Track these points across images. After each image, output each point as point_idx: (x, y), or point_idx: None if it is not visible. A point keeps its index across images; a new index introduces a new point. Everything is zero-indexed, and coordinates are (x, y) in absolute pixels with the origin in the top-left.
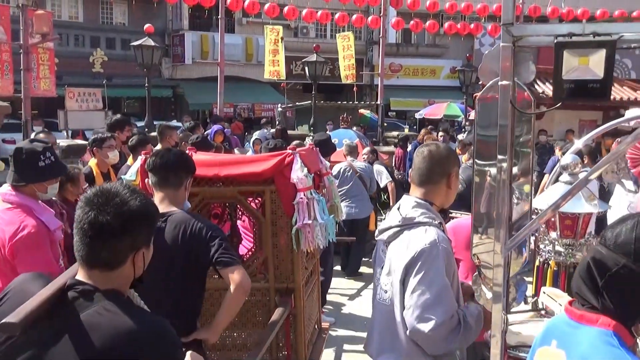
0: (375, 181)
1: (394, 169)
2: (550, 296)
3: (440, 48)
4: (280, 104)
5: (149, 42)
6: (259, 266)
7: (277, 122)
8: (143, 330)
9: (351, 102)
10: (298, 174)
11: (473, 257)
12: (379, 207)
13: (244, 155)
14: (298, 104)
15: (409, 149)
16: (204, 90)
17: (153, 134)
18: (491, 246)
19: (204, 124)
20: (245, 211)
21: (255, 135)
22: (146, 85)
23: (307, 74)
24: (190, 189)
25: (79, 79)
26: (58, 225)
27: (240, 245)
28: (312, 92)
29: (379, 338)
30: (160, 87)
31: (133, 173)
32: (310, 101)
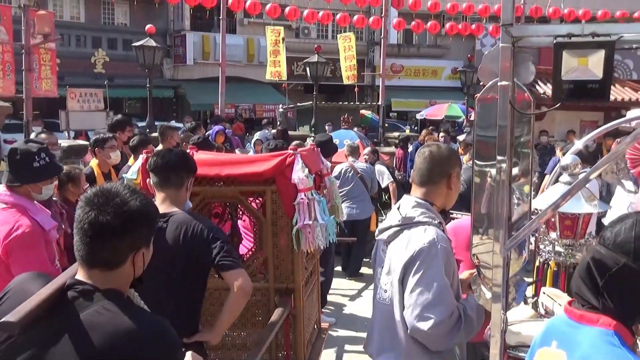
0: (376, 182)
1: (395, 169)
2: (550, 296)
3: (442, 49)
4: (281, 105)
5: (151, 43)
6: (259, 266)
7: (279, 123)
8: (143, 330)
9: (352, 103)
10: (299, 174)
11: (472, 258)
12: (379, 208)
13: (245, 155)
14: (299, 104)
15: (410, 149)
16: (206, 91)
17: (154, 135)
18: (491, 246)
19: (204, 124)
20: (246, 211)
21: (257, 135)
22: (148, 85)
23: (309, 74)
24: (191, 189)
25: (81, 80)
26: (53, 225)
27: (240, 244)
28: (314, 93)
29: (379, 337)
30: (162, 88)
31: (134, 172)
32: (312, 102)
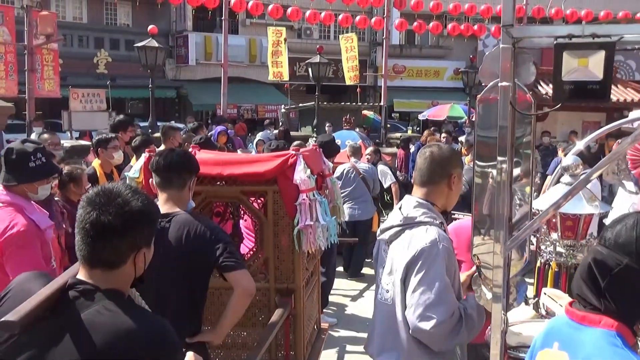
0: (378, 182)
1: (396, 170)
2: (551, 297)
3: (444, 49)
4: (283, 105)
5: (153, 43)
6: (259, 266)
7: (281, 123)
8: (143, 329)
9: (354, 104)
10: (301, 175)
11: (473, 258)
12: (381, 208)
13: (247, 155)
14: (301, 105)
15: (412, 150)
16: (208, 91)
17: (157, 135)
18: (492, 247)
19: (205, 125)
20: (247, 211)
21: (259, 136)
22: (150, 86)
23: (311, 75)
24: (194, 187)
25: (83, 80)
26: (49, 224)
27: (241, 244)
28: (316, 93)
29: (380, 337)
30: (164, 88)
31: (136, 170)
32: (314, 102)
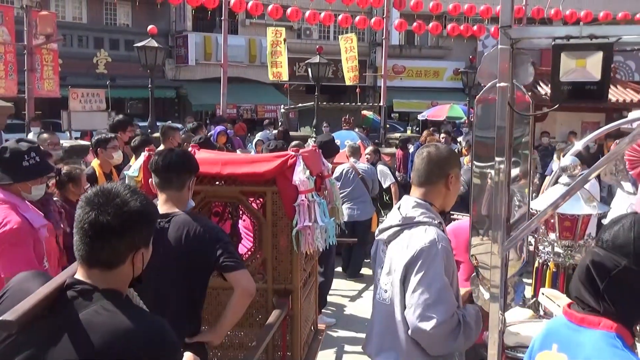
0: (377, 183)
1: (395, 170)
2: (549, 297)
3: (443, 50)
4: (283, 105)
5: (153, 43)
6: (257, 266)
7: (280, 124)
8: (142, 329)
9: (354, 104)
10: (300, 176)
11: (471, 258)
12: (380, 208)
13: (247, 155)
14: (301, 105)
15: (412, 150)
16: (207, 91)
17: (156, 135)
18: (490, 247)
19: (205, 125)
20: (246, 211)
21: (258, 136)
22: (149, 86)
23: (310, 75)
24: (194, 187)
25: (83, 80)
26: (43, 223)
27: (240, 244)
28: (315, 94)
29: (379, 337)
30: (164, 88)
31: (136, 169)
32: (313, 102)
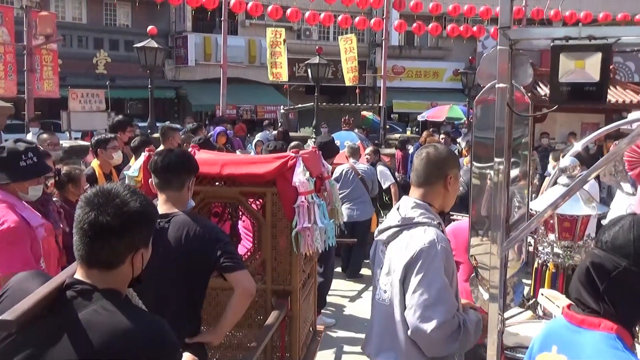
0: (377, 183)
1: (395, 171)
2: (549, 298)
3: (443, 50)
4: (282, 106)
5: (152, 44)
6: (257, 267)
7: (280, 124)
8: (141, 329)
9: (354, 104)
10: (300, 177)
11: (470, 259)
12: (379, 208)
13: (247, 156)
14: (300, 105)
15: (411, 151)
16: (207, 92)
17: (156, 135)
18: (489, 247)
19: (204, 125)
20: (245, 212)
21: (258, 137)
22: (149, 86)
23: (310, 76)
24: (193, 187)
25: (82, 80)
26: (40, 223)
27: (239, 245)
28: (315, 94)
29: (378, 338)
30: (163, 89)
31: (136, 169)
32: (313, 103)
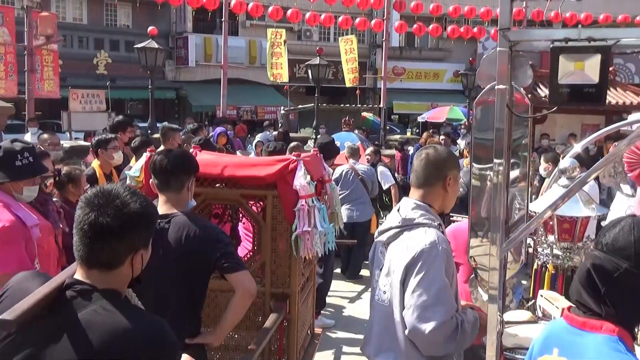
0: (377, 184)
1: (394, 172)
2: (548, 299)
3: (444, 52)
4: (283, 107)
5: (153, 44)
6: (256, 270)
7: (280, 125)
8: (141, 329)
9: (354, 105)
10: (301, 180)
11: (470, 260)
12: (379, 209)
13: (248, 158)
14: (301, 106)
15: (412, 152)
16: (207, 93)
17: (156, 136)
18: (488, 249)
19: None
20: (246, 214)
21: (258, 137)
22: (150, 87)
23: (310, 76)
24: (194, 188)
25: (83, 81)
26: (35, 222)
27: (239, 246)
28: (315, 95)
29: (377, 338)
30: (164, 89)
31: (137, 169)
32: (313, 104)
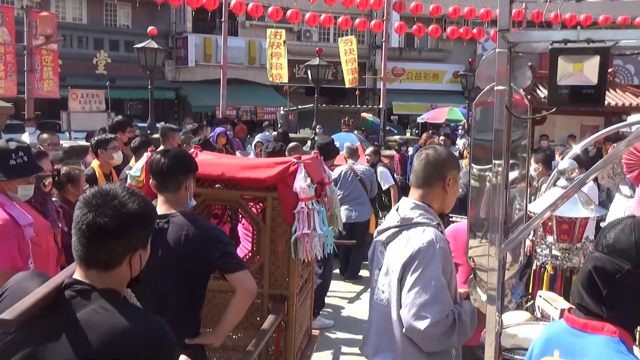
0: (376, 184)
1: (393, 172)
2: (547, 300)
3: (443, 52)
4: (282, 107)
5: (153, 45)
6: (255, 271)
7: (279, 125)
8: (140, 329)
9: (353, 106)
10: (301, 183)
11: (469, 260)
12: (378, 209)
13: (249, 160)
14: (300, 107)
15: (411, 152)
16: (207, 93)
17: (155, 136)
18: (487, 249)
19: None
20: (245, 216)
21: (257, 138)
22: (149, 87)
23: (310, 77)
24: (194, 189)
25: (83, 81)
26: (29, 222)
27: (238, 247)
28: (315, 96)
29: (376, 338)
30: (163, 89)
31: (138, 169)
32: (313, 104)
